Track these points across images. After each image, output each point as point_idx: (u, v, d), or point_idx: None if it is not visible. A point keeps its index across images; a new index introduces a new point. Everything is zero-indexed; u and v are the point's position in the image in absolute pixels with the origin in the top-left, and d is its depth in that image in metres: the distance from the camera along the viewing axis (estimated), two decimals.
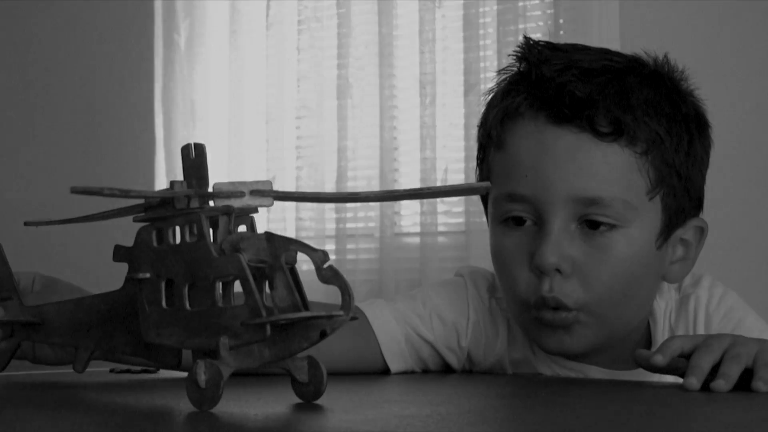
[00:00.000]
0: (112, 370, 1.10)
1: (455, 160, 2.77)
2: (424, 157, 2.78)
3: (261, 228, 0.74)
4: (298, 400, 0.74)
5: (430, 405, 0.71)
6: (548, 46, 1.12)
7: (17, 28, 3.49)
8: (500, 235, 1.10)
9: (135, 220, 0.75)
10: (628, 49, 1.16)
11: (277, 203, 0.83)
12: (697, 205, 1.13)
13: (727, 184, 2.29)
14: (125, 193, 0.71)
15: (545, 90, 1.08)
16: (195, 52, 3.11)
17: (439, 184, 2.76)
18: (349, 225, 2.90)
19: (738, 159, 2.40)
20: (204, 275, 0.71)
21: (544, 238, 1.06)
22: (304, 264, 0.73)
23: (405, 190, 0.72)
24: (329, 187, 2.90)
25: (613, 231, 1.06)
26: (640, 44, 1.21)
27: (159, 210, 0.74)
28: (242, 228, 0.75)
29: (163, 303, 0.73)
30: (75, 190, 0.66)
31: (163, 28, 3.13)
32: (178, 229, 0.73)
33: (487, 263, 1.17)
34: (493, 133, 1.11)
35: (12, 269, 0.94)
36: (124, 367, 1.10)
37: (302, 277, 0.73)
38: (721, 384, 0.87)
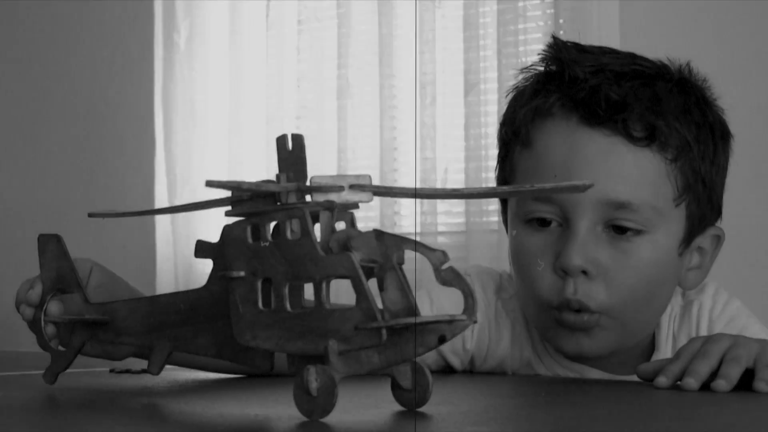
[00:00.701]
0: (112, 370, 1.09)
1: (455, 160, 2.77)
2: (424, 157, 2.78)
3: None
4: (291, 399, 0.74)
5: (430, 405, 0.71)
6: (576, 47, 1.12)
7: (17, 28, 3.49)
8: (523, 235, 1.09)
9: (228, 215, 0.71)
10: (628, 49, 1.16)
11: None
12: (717, 212, 1.13)
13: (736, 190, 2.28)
14: (259, 186, 0.67)
15: (578, 91, 1.07)
16: (195, 52, 3.11)
17: (439, 184, 2.76)
18: None
19: (741, 160, 2.40)
20: (308, 275, 0.67)
21: (570, 239, 1.05)
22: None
23: (508, 187, 0.68)
24: None
25: (640, 236, 1.06)
26: (640, 44, 1.21)
27: (251, 204, 0.69)
28: (341, 225, 0.70)
29: (260, 303, 0.69)
30: (210, 184, 0.63)
31: (163, 28, 3.13)
32: (271, 225, 0.69)
33: (486, 263, 1.17)
34: (522, 131, 1.10)
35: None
36: (124, 367, 1.10)
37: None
38: (722, 384, 0.87)
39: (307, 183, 0.68)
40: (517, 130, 1.11)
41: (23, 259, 3.22)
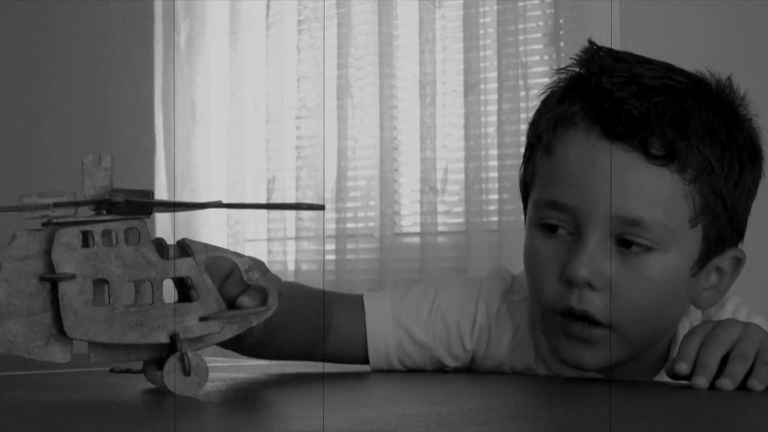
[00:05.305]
0: (112, 370, 1.10)
1: (455, 160, 2.77)
2: (424, 157, 2.78)
3: (260, 228, 0.75)
4: (286, 397, 0.74)
5: (430, 405, 0.71)
6: (611, 54, 1.10)
7: (17, 28, 3.50)
8: (535, 239, 1.09)
9: (44, 224, 0.78)
10: (627, 49, 1.15)
11: None
12: (738, 235, 1.11)
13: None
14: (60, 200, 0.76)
15: (602, 103, 1.06)
16: (195, 52, 3.11)
17: (439, 184, 2.76)
18: (349, 225, 2.90)
19: None
20: (148, 277, 0.78)
21: (579, 250, 1.04)
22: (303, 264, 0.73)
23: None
24: (329, 187, 2.91)
25: (650, 254, 1.05)
26: (639, 44, 1.20)
27: (65, 211, 0.78)
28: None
29: (92, 302, 0.77)
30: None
31: (163, 28, 3.13)
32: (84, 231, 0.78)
33: (486, 264, 1.17)
34: (544, 136, 1.09)
35: None
36: (124, 366, 1.10)
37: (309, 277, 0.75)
38: (726, 383, 0.88)
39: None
40: (540, 135, 1.11)
41: None
